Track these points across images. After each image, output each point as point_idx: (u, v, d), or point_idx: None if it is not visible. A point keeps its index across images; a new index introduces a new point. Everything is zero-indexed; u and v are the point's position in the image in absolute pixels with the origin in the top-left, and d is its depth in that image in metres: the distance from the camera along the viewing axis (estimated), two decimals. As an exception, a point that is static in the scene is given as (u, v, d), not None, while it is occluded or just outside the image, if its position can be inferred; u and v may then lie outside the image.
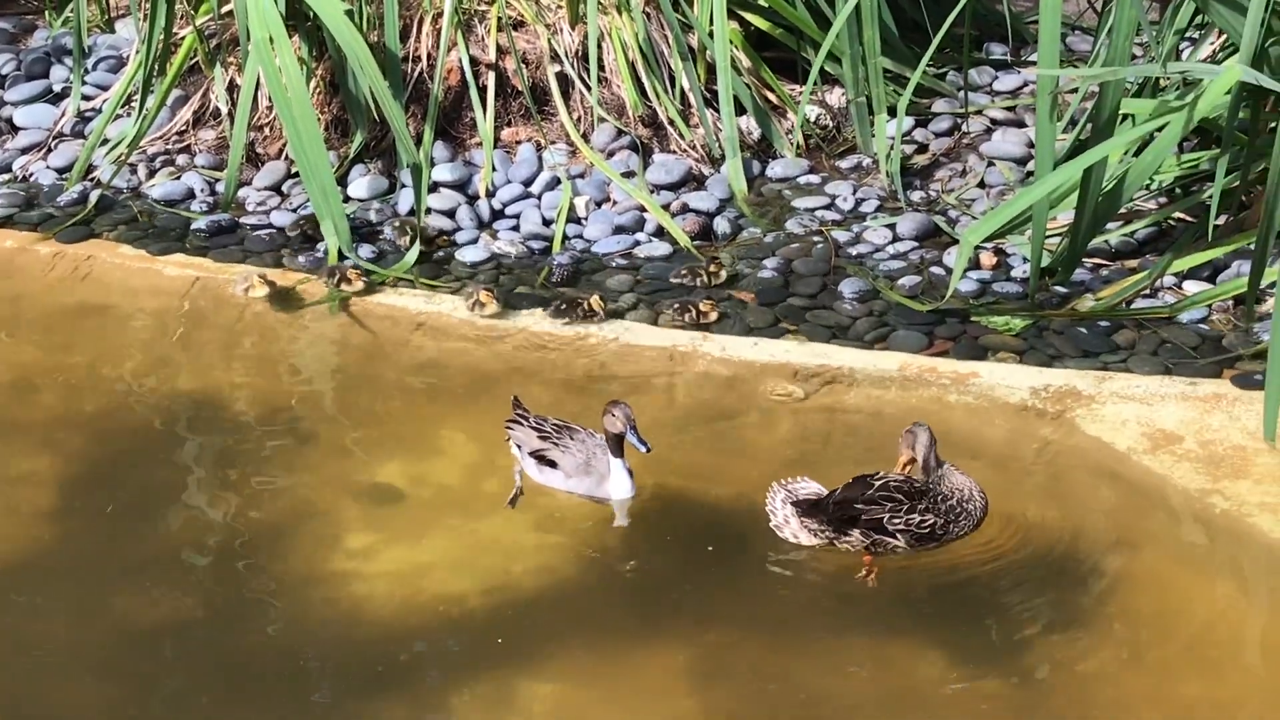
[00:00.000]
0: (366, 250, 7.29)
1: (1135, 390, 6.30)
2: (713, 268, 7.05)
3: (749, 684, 5.12)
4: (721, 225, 7.44)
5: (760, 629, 5.33)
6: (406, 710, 5.03)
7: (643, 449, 5.73)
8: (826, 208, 7.59)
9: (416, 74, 7.79)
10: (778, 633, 5.31)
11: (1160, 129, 6.63)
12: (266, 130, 7.90)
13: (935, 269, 7.14)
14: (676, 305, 6.79)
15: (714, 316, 6.75)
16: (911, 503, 5.58)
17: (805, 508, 5.61)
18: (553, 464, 5.87)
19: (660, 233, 7.41)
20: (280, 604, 5.44)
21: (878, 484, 5.61)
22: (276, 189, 7.74)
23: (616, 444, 5.79)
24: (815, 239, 7.37)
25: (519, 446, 5.95)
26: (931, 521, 5.58)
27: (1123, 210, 7.13)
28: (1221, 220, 6.95)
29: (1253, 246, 6.54)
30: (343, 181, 7.66)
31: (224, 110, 7.94)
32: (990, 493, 5.72)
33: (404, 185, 7.55)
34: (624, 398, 5.94)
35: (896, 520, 5.56)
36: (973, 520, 5.64)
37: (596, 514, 5.84)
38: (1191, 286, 6.88)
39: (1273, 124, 6.70)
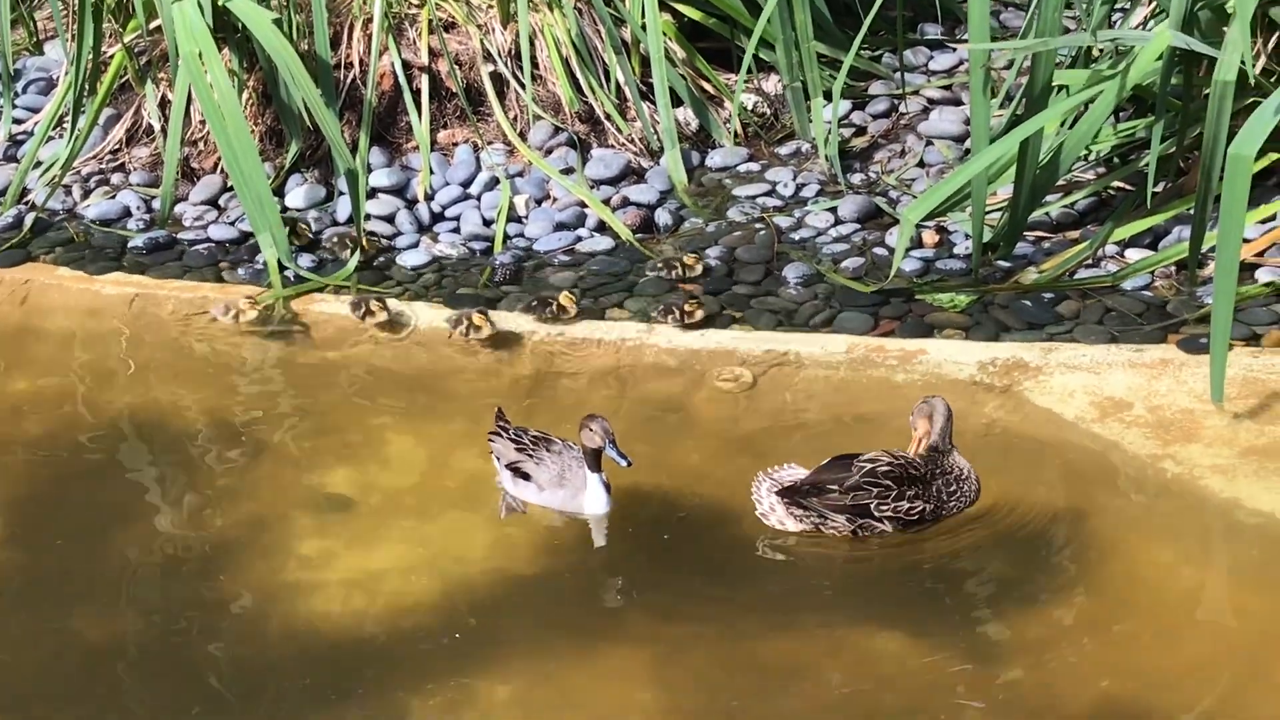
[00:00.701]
0: (306, 259, 7.25)
1: (1082, 360, 6.31)
2: (688, 260, 6.99)
3: (709, 672, 5.10)
4: (663, 217, 7.42)
5: (719, 617, 5.31)
6: (366, 716, 4.98)
7: (623, 464, 5.62)
8: (767, 194, 7.58)
9: (349, 80, 7.75)
10: (737, 620, 5.29)
11: (1095, 98, 6.64)
12: (201, 145, 7.85)
13: (878, 250, 7.14)
14: (661, 307, 6.71)
15: (699, 315, 6.63)
16: (900, 489, 5.55)
17: (783, 492, 5.58)
18: (527, 476, 5.78)
19: (602, 228, 7.39)
20: (236, 617, 5.39)
21: (865, 468, 5.56)
22: (213, 203, 7.69)
23: (594, 459, 5.67)
24: (757, 226, 7.37)
25: (498, 459, 5.85)
26: (921, 508, 5.55)
27: (1062, 182, 7.15)
28: (1160, 187, 6.97)
29: (1192, 211, 6.56)
30: (280, 192, 7.61)
31: (157, 127, 7.88)
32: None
33: (342, 193, 7.51)
34: (571, 392, 5.91)
35: (884, 507, 5.53)
36: (965, 500, 5.61)
37: (551, 512, 5.80)
38: (1133, 254, 6.90)
39: (1206, 89, 6.70)
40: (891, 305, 6.76)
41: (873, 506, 5.53)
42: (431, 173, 7.64)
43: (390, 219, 7.46)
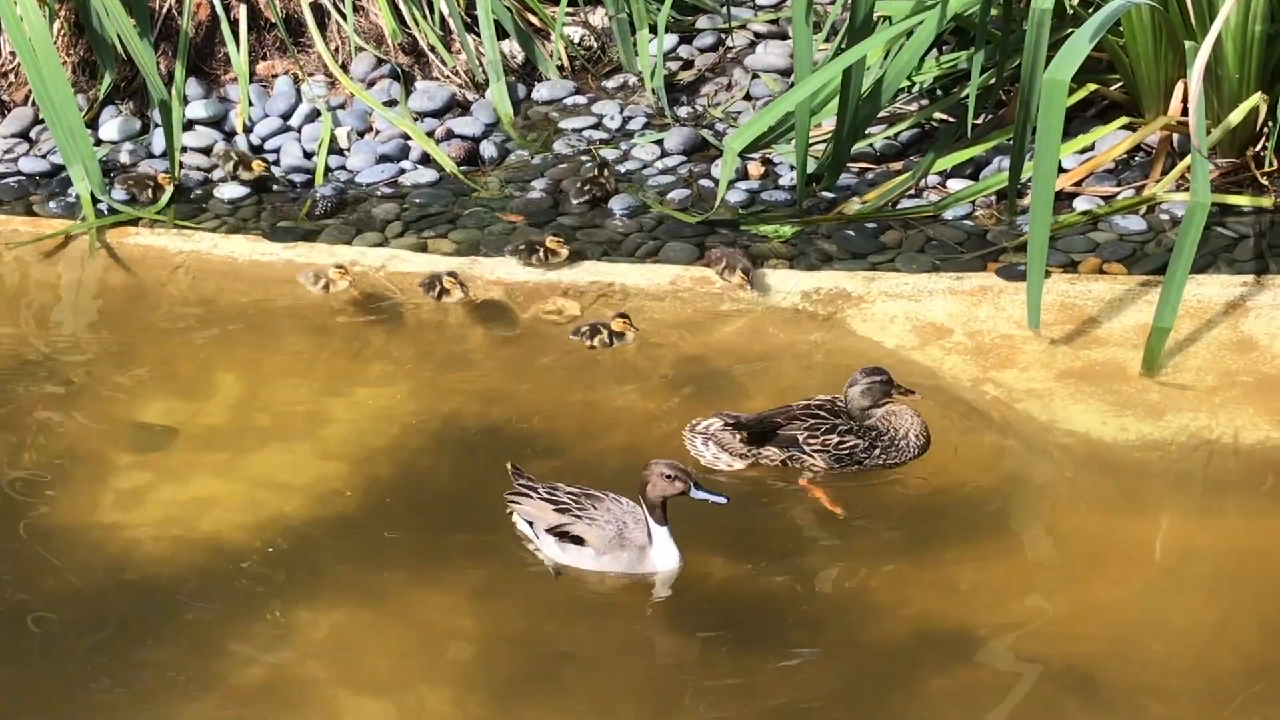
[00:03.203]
0: (120, 192, 7.09)
1: (904, 288, 6.36)
2: (603, 177, 6.92)
3: (532, 602, 5.09)
4: (488, 150, 7.36)
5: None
6: (184, 651, 4.91)
7: (721, 501, 5.07)
8: (594, 127, 7.55)
9: (165, 10, 7.57)
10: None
11: (916, 28, 6.68)
12: (11, 76, 7.63)
13: (704, 182, 7.14)
14: (717, 252, 6.49)
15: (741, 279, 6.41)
16: (834, 421, 5.54)
17: (730, 421, 5.54)
18: (579, 540, 5.17)
19: (425, 160, 7.31)
20: (48, 551, 5.27)
21: (804, 404, 5.58)
22: (24, 136, 7.49)
23: (662, 511, 5.05)
24: (584, 159, 7.33)
25: (530, 524, 5.22)
26: (853, 444, 5.54)
27: (885, 113, 7.20)
28: (981, 118, 7.04)
29: (1012, 141, 6.64)
30: (94, 124, 7.44)
31: (-35, 58, 7.65)
32: (766, 398, 5.74)
33: (157, 125, 7.35)
34: (390, 324, 5.80)
35: (813, 440, 5.52)
36: (904, 455, 5.56)
37: (374, 442, 5.73)
38: (955, 184, 6.97)
39: (1026, 20, 6.76)
40: (717, 236, 6.77)
41: (801, 438, 5.53)
42: (250, 105, 7.50)
43: (208, 151, 7.31)
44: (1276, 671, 4.76)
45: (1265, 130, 6.84)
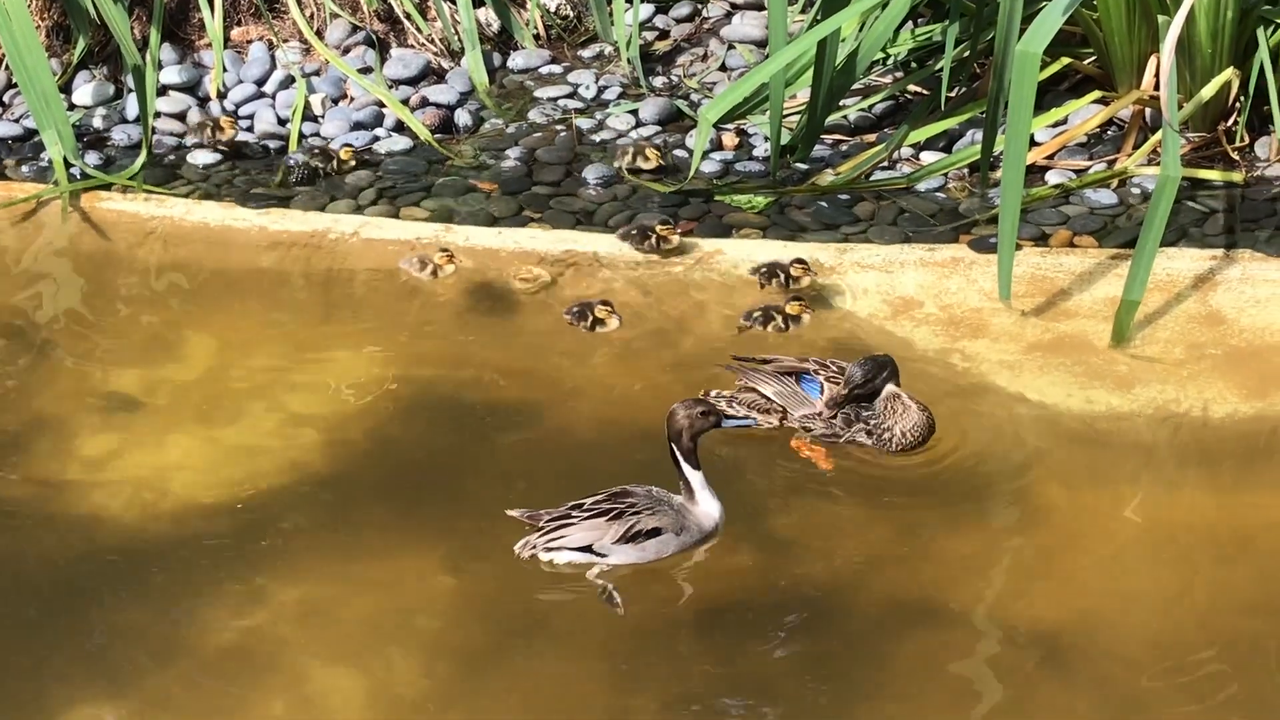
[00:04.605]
0: (93, 157, 7.08)
1: (875, 259, 6.38)
2: (649, 153, 6.90)
3: (504, 565, 5.10)
4: (463, 118, 7.35)
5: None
6: (153, 616, 4.91)
7: (750, 423, 5.27)
8: (569, 96, 7.54)
9: (140, -25, 7.56)
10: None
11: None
12: (-16, 40, 7.59)
13: (679, 152, 7.15)
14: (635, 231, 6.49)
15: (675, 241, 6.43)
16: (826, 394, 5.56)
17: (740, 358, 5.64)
18: (655, 531, 5.08)
19: (400, 127, 7.31)
20: (15, 515, 5.27)
21: (829, 367, 5.62)
22: (-4, 99, 7.49)
23: (695, 455, 5.09)
24: (558, 128, 7.33)
25: (589, 548, 5.07)
26: (828, 418, 5.54)
27: (859, 85, 7.21)
28: (955, 91, 7.05)
29: (985, 114, 6.65)
30: (67, 89, 7.41)
31: (-63, 21, 7.60)
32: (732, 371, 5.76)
33: (131, 90, 7.33)
34: (364, 289, 5.80)
35: (801, 410, 5.56)
36: (885, 446, 5.51)
37: (341, 408, 5.73)
38: (928, 156, 6.99)
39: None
40: (691, 206, 6.79)
41: (811, 367, 5.58)
42: (225, 71, 7.48)
43: (181, 117, 7.30)
44: (1241, 643, 4.79)
45: (1237, 105, 6.87)
